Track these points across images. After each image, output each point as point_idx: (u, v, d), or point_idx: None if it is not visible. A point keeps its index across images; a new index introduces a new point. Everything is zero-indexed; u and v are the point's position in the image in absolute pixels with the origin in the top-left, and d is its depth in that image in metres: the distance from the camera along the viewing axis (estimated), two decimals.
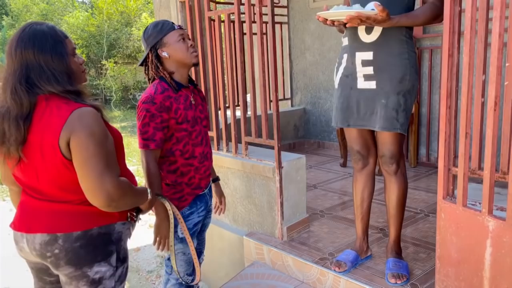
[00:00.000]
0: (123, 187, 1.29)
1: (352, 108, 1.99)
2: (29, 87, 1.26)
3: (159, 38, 1.73)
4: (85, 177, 1.25)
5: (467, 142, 1.55)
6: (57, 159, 1.26)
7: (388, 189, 2.05)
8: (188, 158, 1.81)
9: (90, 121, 1.25)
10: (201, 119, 1.87)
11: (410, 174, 3.68)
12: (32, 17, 13.96)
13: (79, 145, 1.23)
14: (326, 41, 4.62)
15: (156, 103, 1.68)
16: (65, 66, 1.31)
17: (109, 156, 1.28)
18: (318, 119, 4.89)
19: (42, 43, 1.28)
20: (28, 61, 1.27)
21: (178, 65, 1.77)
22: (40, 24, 1.34)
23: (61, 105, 1.27)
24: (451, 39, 1.56)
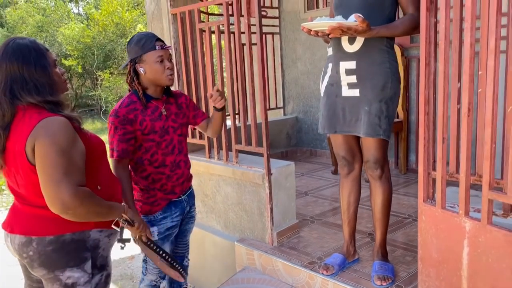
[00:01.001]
0: (80, 196, 1.30)
1: (338, 115, 2.06)
2: (11, 98, 1.32)
3: (139, 54, 1.80)
4: (43, 183, 1.29)
5: (444, 147, 1.62)
6: (25, 165, 1.32)
7: (374, 194, 2.12)
8: (158, 166, 1.88)
9: (55, 129, 1.30)
10: (174, 129, 1.92)
11: (400, 181, 3.75)
12: (28, 29, 14.03)
13: (40, 152, 1.28)
14: (317, 51, 4.72)
15: (120, 116, 1.77)
16: (47, 77, 1.38)
17: (71, 165, 1.31)
18: (310, 127, 4.96)
19: (25, 56, 1.35)
20: (12, 74, 1.34)
21: (151, 83, 1.85)
22: (22, 38, 1.41)
23: (34, 114, 1.33)
24: (427, 48, 1.63)
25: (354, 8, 1.92)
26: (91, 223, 1.43)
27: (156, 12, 3.08)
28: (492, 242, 1.45)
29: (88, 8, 16.34)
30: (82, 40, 12.03)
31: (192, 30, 2.88)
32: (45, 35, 13.74)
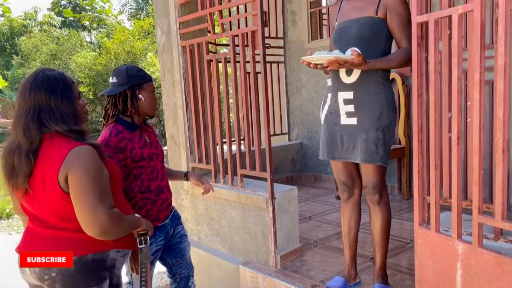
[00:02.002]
0: (115, 218, 1.42)
1: (337, 142, 2.17)
2: (39, 126, 1.43)
3: (142, 82, 1.92)
4: (80, 209, 1.39)
5: (437, 173, 1.71)
6: (56, 192, 1.41)
7: (373, 218, 2.19)
8: (144, 192, 1.95)
9: (85, 158, 1.41)
10: (157, 155, 2.02)
11: (403, 206, 3.80)
12: (42, 57, 14.47)
13: (75, 180, 1.38)
14: (321, 79, 4.86)
15: (111, 145, 1.83)
16: (72, 108, 1.49)
17: (103, 190, 1.42)
18: (314, 153, 5.05)
19: (54, 88, 1.47)
20: (40, 103, 1.45)
21: (142, 111, 1.94)
22: (51, 70, 1.53)
23: (62, 143, 1.43)
24: (419, 81, 1.75)
25: (351, 42, 2.05)
26: (110, 243, 1.51)
27: (167, 45, 3.25)
28: (483, 264, 1.52)
29: (100, 36, 16.85)
30: (94, 67, 12.39)
31: (200, 61, 3.04)
32: (58, 63, 14.16)
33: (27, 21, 19.24)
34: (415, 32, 1.72)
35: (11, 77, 15.90)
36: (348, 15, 2.13)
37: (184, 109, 3.16)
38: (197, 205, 3.22)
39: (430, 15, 1.66)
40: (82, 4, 20.62)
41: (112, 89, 1.92)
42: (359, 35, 2.04)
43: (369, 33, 2.03)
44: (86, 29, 20.46)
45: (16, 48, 17.06)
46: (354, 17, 2.08)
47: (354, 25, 2.07)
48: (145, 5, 18.37)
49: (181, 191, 3.35)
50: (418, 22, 1.70)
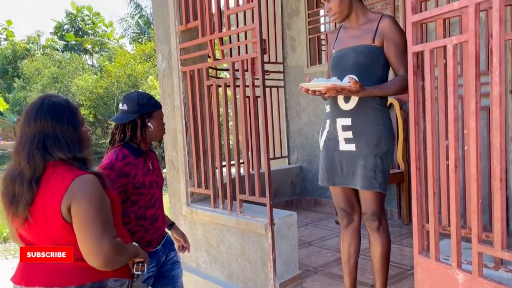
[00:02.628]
0: (118, 248, 1.41)
1: (336, 168, 2.17)
2: (44, 154, 1.42)
3: (152, 110, 1.93)
4: (84, 241, 1.37)
5: (435, 201, 1.71)
6: (58, 222, 1.39)
7: (372, 245, 2.18)
8: (139, 218, 1.92)
9: (89, 188, 1.39)
10: (157, 183, 2.01)
11: (403, 232, 3.78)
12: (43, 80, 14.61)
13: (79, 211, 1.36)
14: (320, 103, 4.89)
15: (116, 169, 1.82)
16: (77, 135, 1.48)
17: (107, 220, 1.41)
18: (314, 176, 5.05)
19: (60, 115, 1.46)
20: (45, 130, 1.43)
21: (150, 138, 1.95)
22: (57, 96, 1.52)
23: (65, 172, 1.41)
24: (416, 109, 1.76)
25: (349, 69, 2.08)
26: (109, 272, 1.48)
27: (168, 70, 3.29)
28: None
29: (102, 60, 17.05)
30: (95, 90, 12.49)
31: (201, 86, 3.08)
32: (60, 86, 14.29)
33: (30, 45, 19.51)
34: (411, 61, 1.75)
35: (12, 100, 16.00)
36: (345, 43, 2.17)
37: (183, 134, 3.18)
38: (196, 231, 3.20)
39: (425, 45, 1.69)
40: (85, 28, 20.95)
41: (122, 116, 1.92)
42: (356, 62, 2.07)
43: (366, 61, 2.06)
44: (88, 53, 20.73)
45: (18, 71, 17.23)
46: (351, 45, 2.12)
47: (351, 53, 2.10)
48: (147, 29, 18.67)
49: (180, 216, 3.33)
50: (414, 51, 1.73)
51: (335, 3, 2.10)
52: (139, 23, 19.24)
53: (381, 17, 2.09)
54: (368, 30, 2.09)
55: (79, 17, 21.06)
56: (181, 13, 3.12)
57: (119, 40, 20.87)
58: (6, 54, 18.49)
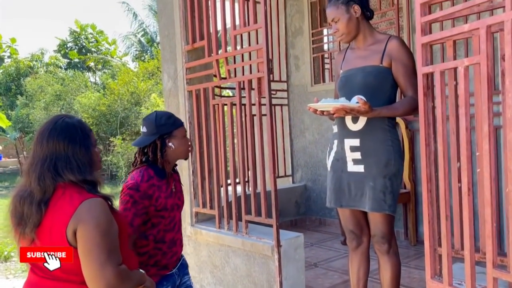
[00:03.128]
0: (122, 276, 1.37)
1: (344, 189, 2.14)
2: (54, 175, 1.39)
3: (171, 130, 1.88)
4: (87, 266, 1.34)
5: (448, 224, 1.68)
6: (62, 245, 1.36)
7: (382, 269, 2.14)
8: (158, 242, 1.88)
9: (97, 212, 1.36)
10: (178, 206, 1.97)
11: (411, 253, 3.72)
12: (46, 97, 14.67)
13: (84, 235, 1.33)
14: (324, 121, 4.89)
15: (140, 191, 1.79)
16: (89, 157, 1.46)
17: (112, 246, 1.37)
18: (319, 195, 5.01)
19: (73, 136, 1.44)
20: (57, 151, 1.41)
21: (174, 157, 1.92)
22: (70, 117, 1.50)
23: (74, 194, 1.39)
24: (426, 130, 1.75)
25: (356, 89, 2.07)
26: None
27: (173, 89, 3.30)
28: None
29: (105, 77, 17.16)
30: (98, 108, 12.53)
31: (206, 105, 3.07)
32: (62, 103, 14.34)
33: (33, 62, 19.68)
34: (421, 82, 1.74)
35: (14, 117, 16.05)
36: (353, 63, 2.17)
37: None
38: (200, 252, 3.15)
39: (435, 66, 1.68)
40: (88, 46, 21.15)
41: (142, 139, 1.90)
42: (364, 83, 2.07)
43: (374, 82, 2.06)
44: (91, 70, 20.89)
45: (21, 89, 17.33)
46: (359, 66, 2.12)
47: (359, 73, 2.10)
48: (150, 47, 18.85)
49: (184, 237, 3.28)
50: (424, 72, 1.72)
51: (343, 24, 2.10)
52: (142, 42, 19.43)
53: (389, 38, 2.10)
54: (376, 51, 2.09)
55: (82, 35, 21.28)
56: (187, 33, 3.14)
57: (122, 58, 21.06)
58: (9, 71, 18.63)
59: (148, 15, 19.53)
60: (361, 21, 2.12)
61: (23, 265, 5.64)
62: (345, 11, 2.09)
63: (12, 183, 14.34)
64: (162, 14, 3.47)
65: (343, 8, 2.09)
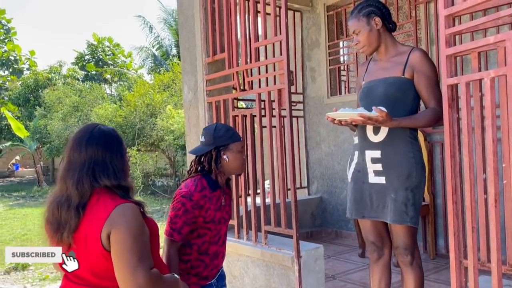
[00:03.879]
0: (154, 279, 1.39)
1: (366, 200, 2.14)
2: (92, 180, 1.44)
3: (228, 143, 1.91)
4: (120, 269, 1.36)
5: (474, 236, 1.66)
6: (97, 249, 1.39)
7: (405, 280, 2.12)
8: (201, 253, 1.90)
9: (130, 217, 1.39)
10: (225, 220, 1.99)
11: (430, 266, 3.67)
12: (64, 109, 14.90)
13: (117, 239, 1.37)
14: (341, 133, 4.89)
15: (193, 200, 1.82)
16: (123, 163, 1.52)
17: (144, 250, 1.40)
18: (335, 208, 4.99)
19: (110, 143, 1.50)
20: (95, 157, 1.46)
21: (227, 171, 1.94)
22: (105, 126, 1.56)
23: (108, 200, 1.43)
24: (451, 141, 1.74)
25: (378, 100, 2.08)
26: None
27: (193, 101, 3.34)
28: None
29: (121, 89, 17.41)
30: (114, 119, 12.68)
31: (226, 116, 3.11)
32: (80, 114, 14.56)
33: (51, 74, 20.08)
34: (445, 93, 1.74)
35: (33, 128, 16.33)
36: (375, 74, 2.18)
37: None
38: None
39: (461, 78, 1.69)
40: (105, 59, 21.53)
41: (199, 148, 1.95)
42: (385, 94, 2.08)
43: (397, 93, 2.07)
44: (107, 82, 21.23)
45: (40, 100, 17.65)
46: (381, 77, 2.13)
47: (381, 85, 2.11)
48: (165, 61, 19.10)
49: None
50: (449, 84, 1.73)
51: (364, 36, 2.13)
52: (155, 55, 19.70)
53: (411, 49, 2.11)
54: (398, 63, 2.11)
55: (100, 48, 21.70)
56: (208, 46, 3.20)
57: (137, 70, 21.38)
58: (28, 83, 19.02)
59: (164, 28, 19.84)
60: (382, 33, 2.14)
61: (41, 274, 5.71)
62: (366, 23, 2.11)
63: (29, 192, 14.54)
64: (183, 27, 3.54)
65: (364, 20, 2.11)
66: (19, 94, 18.79)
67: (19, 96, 18.72)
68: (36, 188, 15.14)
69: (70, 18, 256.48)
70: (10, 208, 11.40)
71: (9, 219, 9.70)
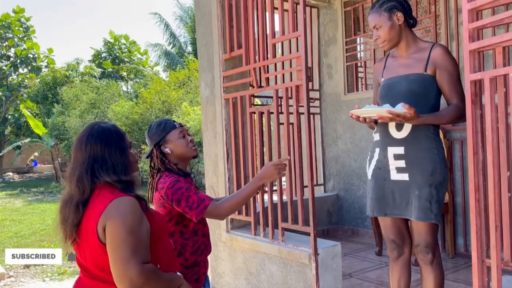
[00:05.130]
0: (147, 274, 1.38)
1: (388, 198, 2.11)
2: (92, 177, 1.46)
3: (162, 136, 1.95)
4: (112, 261, 1.38)
5: (497, 235, 1.63)
6: (95, 242, 1.42)
7: (425, 279, 2.09)
8: (203, 236, 1.96)
9: (125, 210, 1.40)
10: None
11: (448, 265, 3.62)
12: (81, 106, 15.11)
13: (111, 231, 1.38)
14: (358, 130, 4.85)
15: (181, 181, 1.86)
16: (124, 158, 1.53)
17: (139, 244, 1.40)
18: (351, 205, 4.95)
19: (108, 139, 1.52)
20: (95, 154, 1.49)
21: (179, 159, 1.97)
22: (105, 123, 1.58)
23: (107, 194, 1.45)
24: (474, 138, 1.71)
25: (401, 97, 2.05)
26: None
27: (210, 97, 3.35)
28: None
29: (137, 86, 17.57)
30: (130, 116, 12.82)
31: (243, 113, 3.10)
32: (97, 111, 14.75)
33: (69, 72, 20.35)
34: (468, 89, 1.71)
35: (51, 125, 16.59)
36: (396, 71, 2.15)
37: (225, 160, 3.20)
38: (235, 258, 3.16)
39: (484, 73, 1.65)
40: (121, 57, 21.74)
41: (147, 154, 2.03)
42: (409, 90, 2.05)
43: (419, 89, 2.04)
44: (124, 80, 21.44)
45: (58, 97, 17.91)
46: (403, 74, 2.10)
47: (403, 81, 2.08)
48: (180, 58, 19.18)
49: (219, 243, 3.31)
50: (472, 79, 1.69)
51: (385, 31, 2.09)
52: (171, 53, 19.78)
53: (432, 45, 2.07)
54: (419, 59, 2.07)
55: (116, 45, 21.92)
56: (225, 42, 3.19)
57: (153, 68, 21.53)
58: (46, 80, 19.32)
59: (179, 25, 19.92)
60: (403, 29, 2.11)
61: (59, 268, 5.80)
62: (387, 18, 2.08)
63: (47, 188, 14.81)
64: (200, 23, 3.54)
65: (386, 15, 2.08)
66: (37, 92, 19.11)
67: (38, 94, 19.04)
68: (54, 184, 15.41)
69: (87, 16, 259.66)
70: (29, 204, 11.62)
71: (28, 214, 9.90)
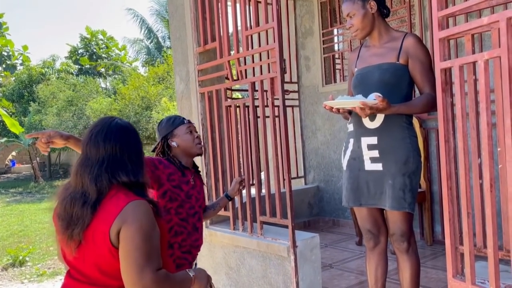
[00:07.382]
0: (161, 281, 1.32)
1: (362, 188, 2.12)
2: (110, 177, 1.38)
3: (170, 130, 2.03)
4: (126, 268, 1.31)
5: (469, 222, 1.64)
6: (105, 246, 1.33)
7: (401, 268, 2.10)
8: (182, 220, 1.98)
9: (141, 214, 1.33)
10: (197, 199, 2.07)
11: (427, 253, 3.67)
12: (58, 103, 14.83)
13: (127, 236, 1.31)
14: (336, 122, 4.86)
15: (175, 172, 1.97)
16: (141, 160, 1.47)
17: (153, 250, 1.34)
18: (332, 196, 4.98)
19: (129, 139, 1.45)
20: (114, 153, 1.40)
21: (184, 154, 2.05)
22: (121, 119, 1.50)
23: (121, 196, 1.37)
24: (445, 126, 1.72)
25: (373, 87, 2.05)
26: None
27: (186, 91, 3.30)
28: None
29: (115, 83, 17.31)
30: (109, 113, 12.64)
31: (219, 107, 3.07)
32: (74, 109, 14.49)
33: (45, 69, 19.91)
34: (439, 77, 1.71)
35: (27, 123, 16.23)
36: (368, 61, 2.14)
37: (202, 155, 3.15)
38: (215, 254, 3.14)
39: (454, 61, 1.66)
40: (99, 52, 21.36)
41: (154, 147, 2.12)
42: (381, 80, 2.04)
43: (392, 79, 2.04)
44: (101, 76, 21.09)
45: (34, 95, 17.52)
46: (375, 63, 2.10)
47: (375, 71, 2.08)
48: (158, 53, 18.95)
49: None
50: (442, 68, 1.69)
51: (358, 19, 2.08)
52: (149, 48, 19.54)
53: (405, 35, 2.07)
54: (392, 48, 2.07)
55: (93, 41, 21.52)
56: (198, 35, 3.14)
57: (132, 63, 21.23)
58: (22, 78, 18.87)
59: (156, 20, 19.67)
60: (376, 18, 2.10)
61: (38, 270, 5.69)
62: (361, 6, 2.07)
63: (25, 188, 14.50)
64: (173, 16, 3.48)
65: (359, 3, 2.07)
66: (13, 90, 18.66)
67: (13, 92, 18.59)
68: (33, 184, 15.11)
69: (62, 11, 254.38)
70: (7, 205, 11.37)
71: (6, 216, 9.69)
